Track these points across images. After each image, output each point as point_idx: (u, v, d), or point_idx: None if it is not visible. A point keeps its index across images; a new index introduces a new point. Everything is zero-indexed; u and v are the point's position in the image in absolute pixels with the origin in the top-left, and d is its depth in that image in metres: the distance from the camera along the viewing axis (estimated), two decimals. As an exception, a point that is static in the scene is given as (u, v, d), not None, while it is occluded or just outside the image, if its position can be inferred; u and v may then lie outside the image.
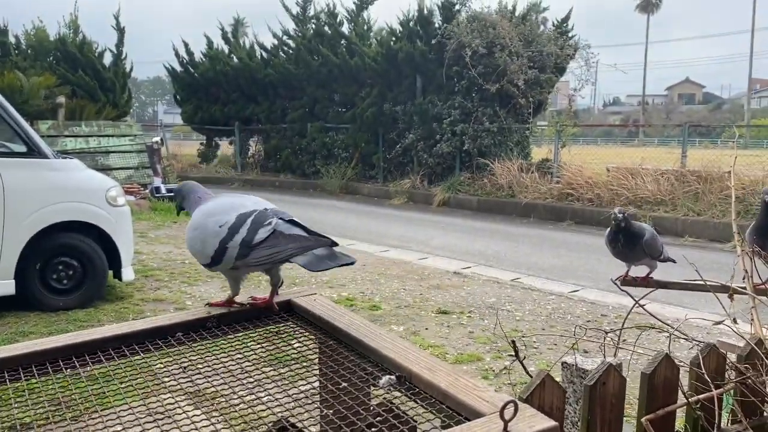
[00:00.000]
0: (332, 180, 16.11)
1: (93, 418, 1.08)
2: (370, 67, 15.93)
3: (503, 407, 0.93)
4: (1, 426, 1.13)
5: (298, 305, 1.49)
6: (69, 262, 5.61)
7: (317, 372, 1.31)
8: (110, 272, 5.86)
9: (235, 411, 1.12)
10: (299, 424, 1.09)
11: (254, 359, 1.32)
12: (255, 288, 5.30)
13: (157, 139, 12.60)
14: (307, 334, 1.40)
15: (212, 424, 1.07)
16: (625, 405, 1.61)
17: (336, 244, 1.50)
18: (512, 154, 13.99)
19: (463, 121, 14.17)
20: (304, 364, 1.33)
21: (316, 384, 1.27)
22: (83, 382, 1.26)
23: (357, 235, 9.49)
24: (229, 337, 1.38)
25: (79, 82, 14.16)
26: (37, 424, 1.12)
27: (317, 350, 1.36)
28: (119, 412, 1.14)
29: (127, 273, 5.88)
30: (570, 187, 12.17)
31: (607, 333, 2.32)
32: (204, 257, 1.50)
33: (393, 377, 1.14)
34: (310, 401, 1.18)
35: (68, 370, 1.31)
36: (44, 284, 5.51)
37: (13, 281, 5.26)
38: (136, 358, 1.33)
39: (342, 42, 17.32)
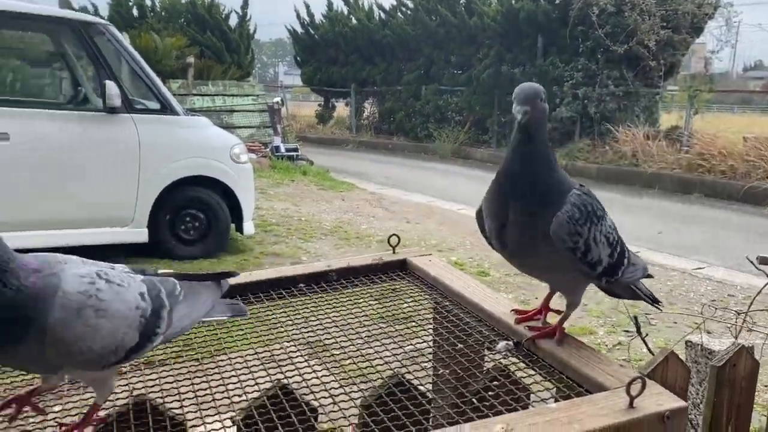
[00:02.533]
0: (444, 144, 15.99)
1: (222, 360, 1.14)
2: (489, 27, 15.51)
3: (630, 382, 0.89)
4: (137, 360, 1.22)
5: (414, 265, 1.49)
6: (196, 215, 5.95)
7: (431, 331, 1.31)
8: (232, 226, 6.17)
9: (353, 363, 1.14)
10: (414, 381, 1.09)
11: (371, 314, 1.34)
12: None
13: (278, 99, 13.00)
14: (422, 293, 1.40)
15: (331, 374, 1.10)
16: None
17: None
18: (638, 120, 13.21)
19: (586, 84, 13.53)
20: (418, 322, 1.33)
21: (430, 343, 1.27)
22: (211, 325, 1.34)
23: (466, 200, 9.40)
24: (347, 291, 1.41)
25: (207, 43, 14.83)
26: (173, 360, 1.20)
27: (432, 310, 1.36)
28: (245, 356, 1.19)
29: (248, 227, 6.17)
30: (701, 158, 11.35)
31: (738, 314, 2.16)
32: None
33: (510, 342, 1.12)
34: (423, 359, 1.19)
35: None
36: (173, 234, 5.90)
37: (147, 230, 5.66)
38: (259, 306, 1.38)
39: (461, 1, 16.96)
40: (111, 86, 5.28)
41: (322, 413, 1.05)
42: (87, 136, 5.38)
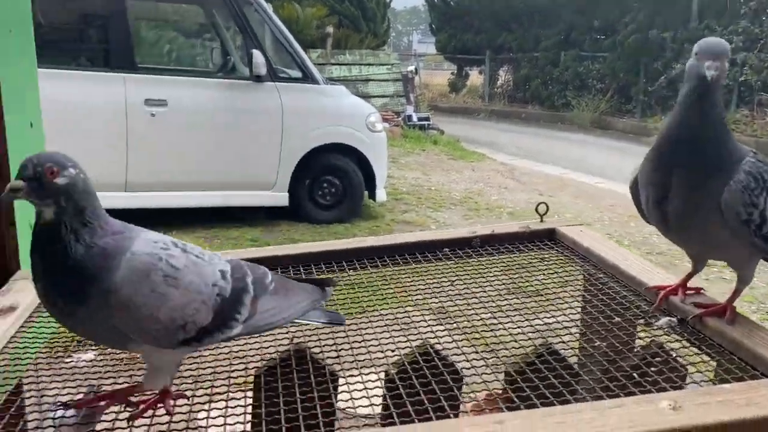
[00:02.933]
0: (583, 113, 15.28)
1: (348, 320, 1.16)
2: (638, -12, 14.53)
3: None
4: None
5: (563, 235, 1.44)
6: (332, 181, 6.15)
7: (579, 304, 1.27)
8: (366, 193, 6.32)
9: (493, 336, 1.13)
10: (561, 352, 1.06)
11: (519, 282, 1.31)
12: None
13: (412, 68, 13.01)
14: (572, 264, 1.35)
15: (471, 343, 1.10)
16: None
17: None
18: (806, 89, 11.90)
19: (747, 50, 12.34)
20: (566, 294, 1.29)
21: (576, 316, 1.23)
22: (341, 286, 1.37)
23: (605, 173, 8.97)
24: (491, 258, 1.39)
25: (344, 12, 15.09)
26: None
27: (581, 281, 1.31)
28: (371, 317, 1.22)
29: (381, 194, 6.29)
30: None
31: None
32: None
33: (674, 319, 1.05)
34: (568, 333, 1.15)
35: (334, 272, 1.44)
36: (311, 199, 6.13)
37: (287, 194, 5.93)
38: (401, 268, 1.40)
39: (606, -38, 16.00)
40: (258, 55, 5.53)
41: (466, 375, 1.05)
42: (235, 103, 5.69)
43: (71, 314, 0.82)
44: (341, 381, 1.05)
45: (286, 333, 1.16)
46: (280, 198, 5.92)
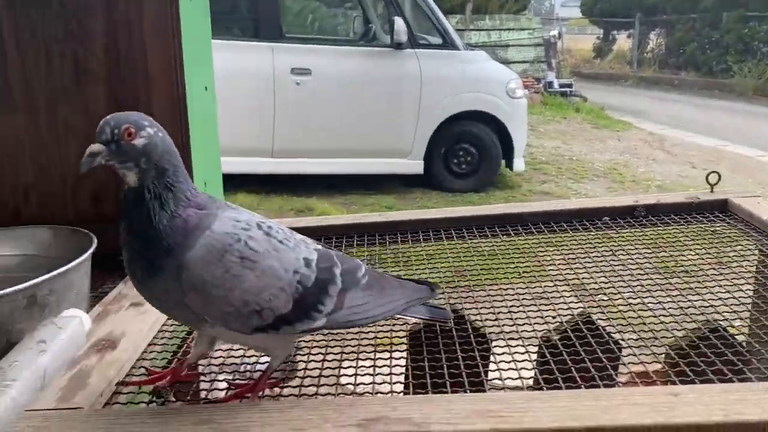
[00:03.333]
0: (745, 80, 13.89)
1: (483, 290, 1.13)
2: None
3: None
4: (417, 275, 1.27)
5: (737, 206, 1.30)
6: (468, 149, 6.07)
7: (750, 283, 1.14)
8: (502, 162, 6.17)
9: (652, 315, 1.05)
10: (731, 329, 0.97)
11: (689, 255, 1.21)
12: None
13: (555, 32, 12.48)
14: (746, 238, 1.23)
15: (638, 314, 1.03)
16: None
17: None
18: None
19: None
20: (738, 268, 1.16)
21: (747, 295, 1.11)
22: (471, 254, 1.34)
23: (771, 145, 8.14)
24: (656, 229, 1.29)
25: (484, -23, 14.72)
26: (445, 284, 1.23)
27: (756, 258, 1.18)
28: (505, 288, 1.17)
29: (518, 163, 6.12)
30: None
31: None
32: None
33: None
34: (735, 313, 1.04)
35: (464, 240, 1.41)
36: (446, 167, 6.10)
37: (423, 162, 5.94)
38: (559, 236, 1.35)
39: None
40: (399, 22, 5.53)
41: (626, 347, 0.99)
42: (374, 70, 5.75)
43: (147, 286, 0.80)
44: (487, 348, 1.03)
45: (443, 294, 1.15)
46: (415, 166, 5.94)
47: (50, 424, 0.75)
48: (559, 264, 1.26)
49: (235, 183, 5.15)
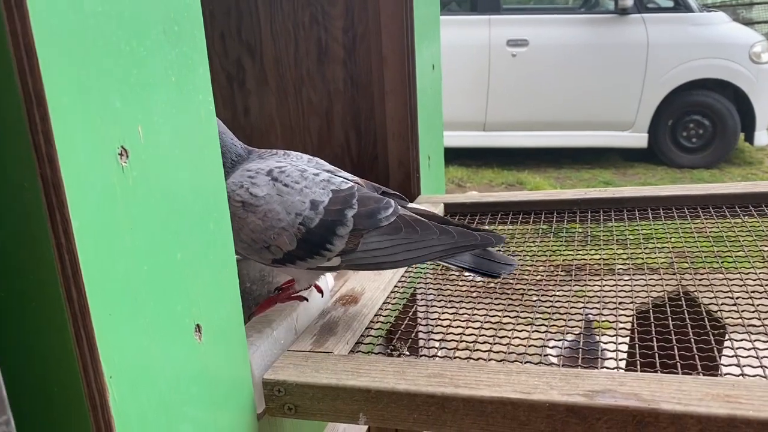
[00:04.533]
0: None
1: (712, 275, 1.04)
2: None
3: None
4: (662, 257, 1.22)
5: None
6: (700, 121, 5.56)
7: None
8: (741, 135, 5.56)
9: None
10: None
11: None
12: None
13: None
14: None
15: None
16: None
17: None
18: None
19: None
20: None
21: None
22: (694, 236, 1.24)
23: None
24: None
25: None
26: (661, 268, 1.16)
27: None
28: (745, 275, 1.07)
29: (761, 137, 5.47)
30: None
31: None
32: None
33: None
34: None
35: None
36: (674, 141, 5.65)
37: (647, 135, 5.56)
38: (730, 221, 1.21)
39: None
40: (625, -14, 5.21)
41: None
42: (596, 39, 5.48)
43: None
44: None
45: (659, 279, 1.11)
46: (638, 139, 5.58)
47: (307, 363, 0.87)
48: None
49: (446, 157, 5.28)
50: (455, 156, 5.84)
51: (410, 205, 1.00)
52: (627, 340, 0.97)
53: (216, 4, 1.76)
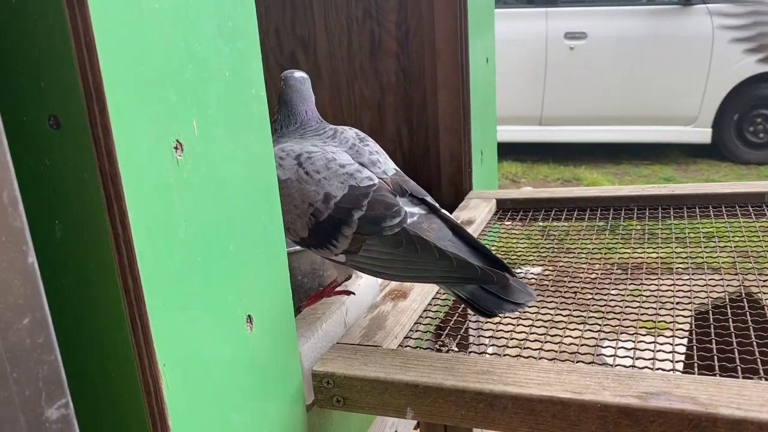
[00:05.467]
0: None
1: None
2: None
3: None
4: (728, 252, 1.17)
5: None
6: (767, 115, 5.32)
7: None
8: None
9: None
10: None
11: None
12: None
13: None
14: None
15: None
16: None
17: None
18: None
19: None
20: None
21: None
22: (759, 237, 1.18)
23: None
24: None
25: None
26: (723, 267, 1.12)
27: None
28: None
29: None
30: None
31: None
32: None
33: None
34: None
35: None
36: (739, 136, 5.43)
37: (710, 130, 5.36)
38: None
39: None
40: (689, -25, 5.03)
41: None
42: (658, 31, 5.31)
43: None
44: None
45: (720, 279, 1.07)
46: (701, 134, 5.38)
47: (356, 356, 0.87)
48: None
49: (500, 151, 5.22)
50: (510, 151, 5.76)
51: (453, 214, 0.97)
52: (684, 341, 0.93)
53: (271, -1, 1.78)
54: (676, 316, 1.00)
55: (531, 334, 0.97)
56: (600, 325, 1.00)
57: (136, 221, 0.54)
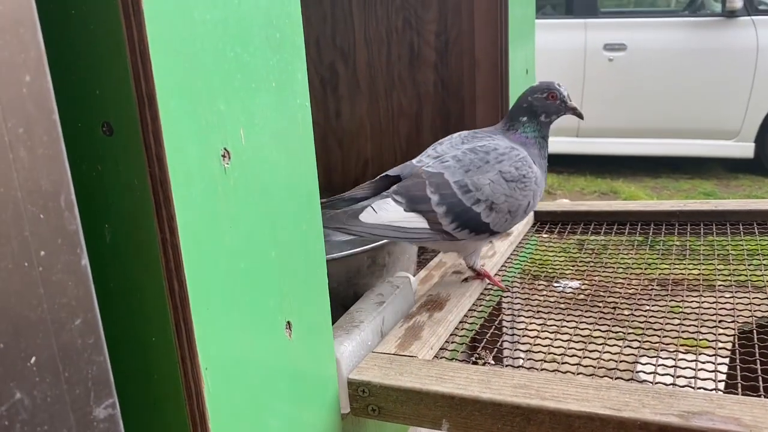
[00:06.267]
0: None
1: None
2: None
3: None
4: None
5: None
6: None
7: None
8: None
9: None
10: None
11: None
12: None
13: None
14: None
15: None
16: None
17: None
18: None
19: None
20: None
21: None
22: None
23: None
24: None
25: None
26: (752, 281, 1.09)
27: None
28: None
29: None
30: None
31: None
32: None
33: None
34: None
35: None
36: (782, 151, 5.29)
37: (753, 144, 5.23)
38: None
39: None
40: (735, -13, 4.93)
41: None
42: (699, 43, 5.21)
43: None
44: None
45: (765, 297, 1.04)
46: (743, 149, 5.25)
47: (392, 366, 0.87)
48: None
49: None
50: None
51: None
52: (727, 360, 0.91)
53: (312, 10, 1.80)
54: (719, 334, 0.97)
55: (569, 349, 0.96)
56: (639, 341, 0.99)
57: (184, 226, 0.55)
